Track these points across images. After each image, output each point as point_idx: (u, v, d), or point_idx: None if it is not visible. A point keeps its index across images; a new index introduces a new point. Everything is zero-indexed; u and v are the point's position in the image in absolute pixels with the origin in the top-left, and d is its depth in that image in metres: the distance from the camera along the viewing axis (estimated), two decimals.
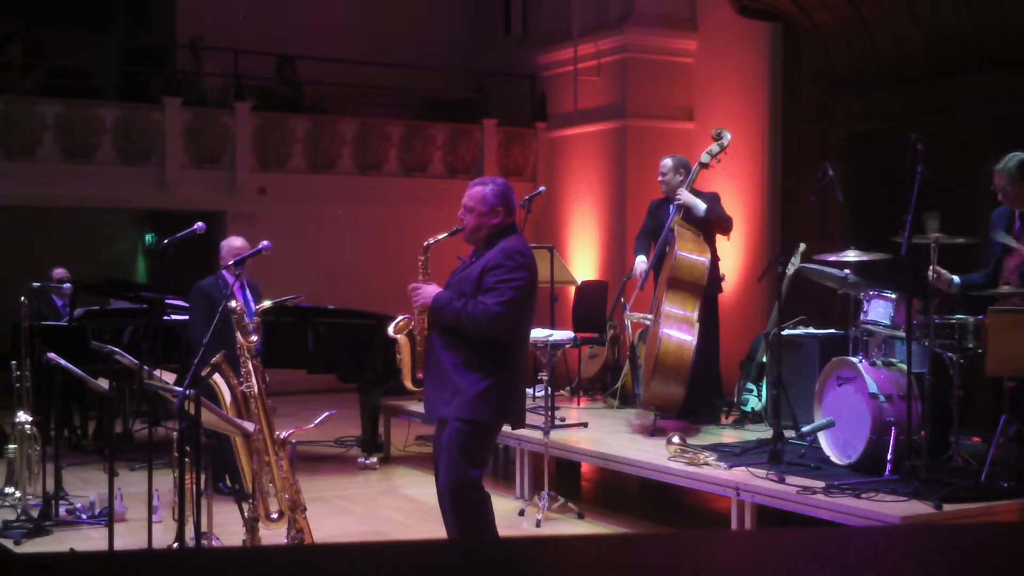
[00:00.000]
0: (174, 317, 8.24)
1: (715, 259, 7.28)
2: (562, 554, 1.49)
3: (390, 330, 4.70)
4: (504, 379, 4.54)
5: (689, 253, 7.10)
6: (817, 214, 9.99)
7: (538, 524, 6.38)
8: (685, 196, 7.26)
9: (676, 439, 6.19)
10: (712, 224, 7.27)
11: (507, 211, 4.57)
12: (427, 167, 13.45)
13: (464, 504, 4.58)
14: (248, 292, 6.85)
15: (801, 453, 6.02)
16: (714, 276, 7.28)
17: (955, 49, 9.33)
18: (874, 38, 10.04)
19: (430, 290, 4.55)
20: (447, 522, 4.66)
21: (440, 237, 4.66)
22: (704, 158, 7.40)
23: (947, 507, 4.96)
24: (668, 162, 7.52)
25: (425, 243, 4.68)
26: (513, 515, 6.52)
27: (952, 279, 5.77)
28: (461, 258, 4.82)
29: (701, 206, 7.21)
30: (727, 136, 7.46)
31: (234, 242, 6.93)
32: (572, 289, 10.42)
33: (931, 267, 5.66)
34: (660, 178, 7.51)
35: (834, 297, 6.76)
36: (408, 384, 4.76)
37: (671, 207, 7.38)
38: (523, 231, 7.63)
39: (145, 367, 4.90)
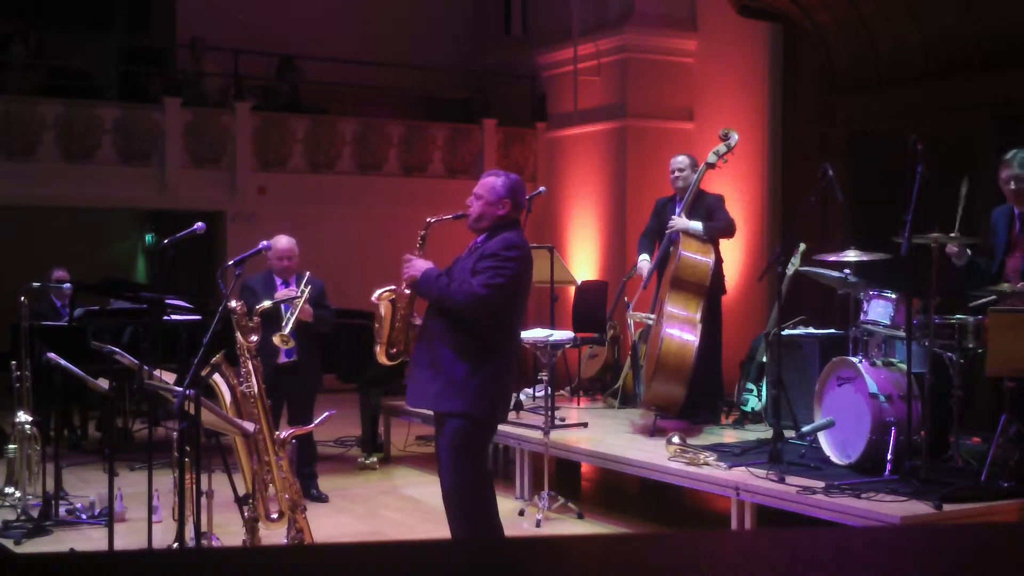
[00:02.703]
0: (174, 317, 8.23)
1: (719, 260, 7.25)
2: (562, 554, 1.49)
3: (373, 296, 4.69)
4: (496, 372, 4.53)
5: (693, 253, 7.08)
6: (817, 214, 10.00)
7: (538, 524, 6.38)
8: (680, 224, 7.18)
9: (676, 439, 6.19)
10: (714, 235, 7.22)
11: (514, 205, 4.58)
12: (427, 167, 13.45)
13: (471, 504, 4.56)
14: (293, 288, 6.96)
15: (801, 453, 6.02)
16: (719, 276, 7.26)
17: (955, 49, 9.33)
18: (874, 38, 10.04)
19: (421, 264, 4.54)
20: (452, 518, 4.63)
21: (444, 217, 4.70)
22: (711, 158, 7.37)
23: (947, 507, 4.96)
24: (684, 159, 7.49)
25: (428, 220, 4.70)
26: (513, 515, 6.51)
27: (966, 250, 5.74)
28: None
29: (698, 228, 7.16)
30: (734, 137, 7.44)
31: (279, 242, 7.13)
32: (572, 289, 10.42)
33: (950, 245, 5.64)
34: (675, 174, 7.43)
35: (834, 297, 6.76)
36: (383, 358, 4.72)
37: (678, 206, 7.34)
38: (523, 231, 7.72)
39: (145, 367, 4.90)
